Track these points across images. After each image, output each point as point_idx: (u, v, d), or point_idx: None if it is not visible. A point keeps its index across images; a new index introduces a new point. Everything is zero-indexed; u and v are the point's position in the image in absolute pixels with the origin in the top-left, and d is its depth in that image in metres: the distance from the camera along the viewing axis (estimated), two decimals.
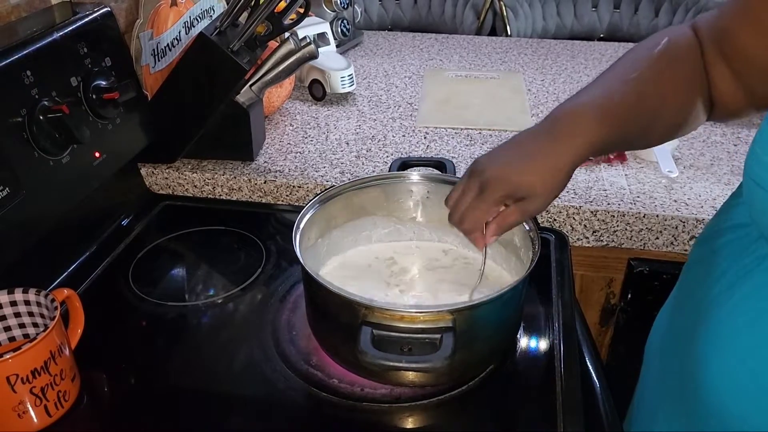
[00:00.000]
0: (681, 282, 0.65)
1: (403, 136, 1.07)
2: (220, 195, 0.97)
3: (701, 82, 0.58)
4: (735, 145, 1.03)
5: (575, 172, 0.93)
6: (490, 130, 1.09)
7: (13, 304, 0.61)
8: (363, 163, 0.98)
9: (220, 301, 0.76)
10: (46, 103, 0.70)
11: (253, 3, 0.85)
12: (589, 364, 0.74)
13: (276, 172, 0.96)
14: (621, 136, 0.59)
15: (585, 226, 0.88)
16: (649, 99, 0.59)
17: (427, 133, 1.09)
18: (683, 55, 0.59)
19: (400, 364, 0.54)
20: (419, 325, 0.55)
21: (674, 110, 0.60)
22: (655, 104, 0.59)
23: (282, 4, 0.85)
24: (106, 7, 0.84)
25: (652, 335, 0.69)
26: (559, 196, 0.86)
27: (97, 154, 0.79)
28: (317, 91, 1.20)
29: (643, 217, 0.85)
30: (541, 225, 0.88)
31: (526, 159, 0.58)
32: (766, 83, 0.54)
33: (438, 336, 0.55)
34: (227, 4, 0.97)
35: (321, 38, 1.28)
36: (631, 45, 1.68)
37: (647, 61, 0.60)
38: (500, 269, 0.73)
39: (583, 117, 0.58)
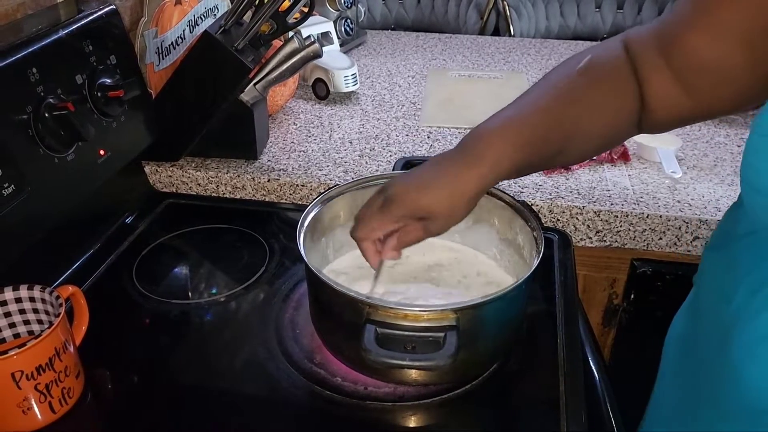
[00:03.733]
0: (697, 290, 0.64)
1: (407, 135, 1.07)
2: (224, 193, 0.97)
3: (626, 98, 0.58)
4: (738, 146, 1.03)
5: (578, 172, 0.94)
6: None
7: (18, 300, 0.61)
8: (366, 162, 0.98)
9: (223, 299, 0.76)
10: (51, 100, 0.70)
11: (257, 2, 0.86)
12: (591, 364, 0.74)
13: (279, 170, 0.96)
14: (532, 159, 0.60)
15: (588, 226, 0.88)
16: (564, 123, 0.59)
17: (430, 132, 1.09)
18: (605, 74, 0.59)
19: (404, 362, 0.54)
20: (423, 324, 0.55)
21: (590, 132, 0.60)
22: (570, 128, 0.59)
23: (286, 3, 0.85)
24: (111, 5, 0.84)
25: (668, 343, 0.69)
26: (562, 196, 0.88)
27: (101, 152, 0.79)
28: (321, 90, 1.20)
29: (647, 217, 0.85)
30: (544, 225, 0.88)
31: (430, 182, 0.60)
32: (717, 87, 0.54)
33: (442, 334, 0.55)
34: (232, 2, 0.97)
35: (325, 37, 1.28)
36: None
37: (565, 82, 0.60)
38: (502, 269, 0.73)
39: (492, 142, 0.58)
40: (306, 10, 0.87)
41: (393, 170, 0.81)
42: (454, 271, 0.73)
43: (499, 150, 0.58)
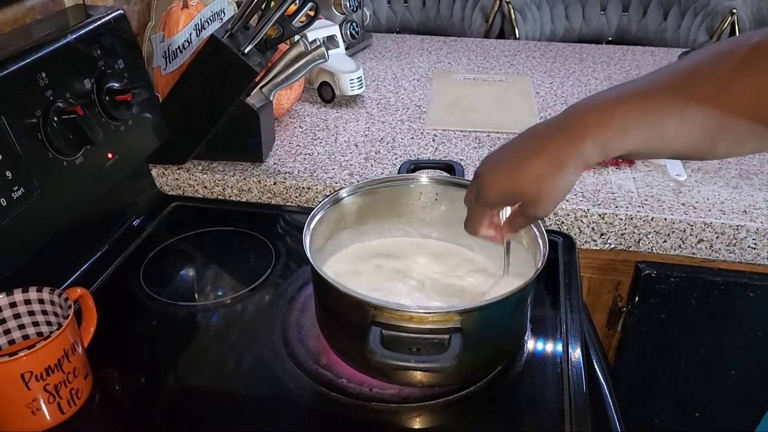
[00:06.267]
0: None
1: (412, 138, 1.08)
2: (230, 196, 0.98)
3: None
4: None
5: (583, 174, 0.94)
6: (498, 132, 1.09)
7: (27, 302, 0.61)
8: (372, 165, 0.99)
9: (229, 301, 0.76)
10: (60, 104, 0.71)
11: (263, 6, 0.86)
12: (596, 366, 0.74)
13: (285, 173, 0.96)
14: (650, 145, 0.48)
15: (593, 228, 0.88)
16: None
17: (435, 135, 1.09)
18: None
19: (409, 364, 0.55)
20: (428, 326, 0.56)
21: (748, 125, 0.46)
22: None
23: (292, 7, 0.86)
24: (118, 9, 0.85)
25: None
26: (566, 198, 0.88)
27: (109, 155, 0.80)
28: (326, 94, 1.21)
29: (651, 220, 0.86)
30: (548, 228, 0.88)
31: (522, 160, 0.52)
32: None
33: (446, 336, 0.55)
34: (238, 7, 0.98)
35: (330, 41, 1.29)
36: (639, 48, 1.66)
37: (722, 59, 0.46)
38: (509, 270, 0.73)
39: (611, 111, 0.47)
40: (312, 14, 0.88)
41: (399, 173, 0.82)
42: (461, 271, 0.73)
43: (620, 121, 0.47)
